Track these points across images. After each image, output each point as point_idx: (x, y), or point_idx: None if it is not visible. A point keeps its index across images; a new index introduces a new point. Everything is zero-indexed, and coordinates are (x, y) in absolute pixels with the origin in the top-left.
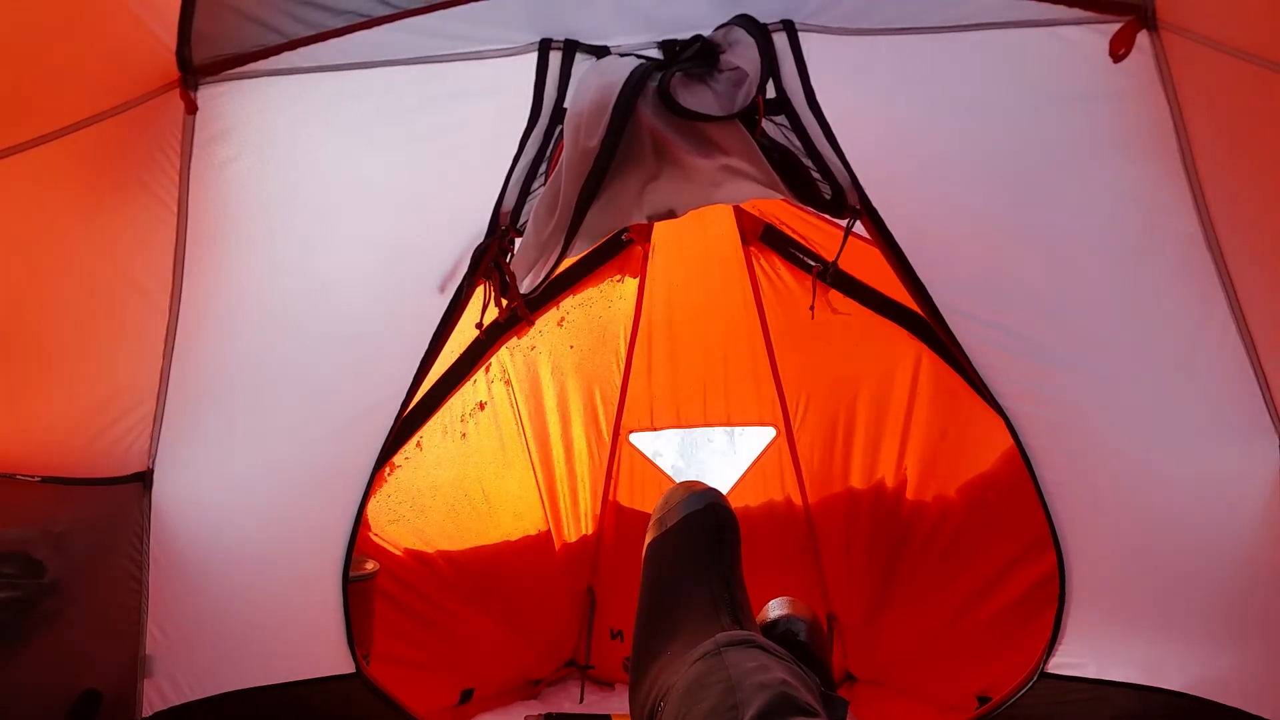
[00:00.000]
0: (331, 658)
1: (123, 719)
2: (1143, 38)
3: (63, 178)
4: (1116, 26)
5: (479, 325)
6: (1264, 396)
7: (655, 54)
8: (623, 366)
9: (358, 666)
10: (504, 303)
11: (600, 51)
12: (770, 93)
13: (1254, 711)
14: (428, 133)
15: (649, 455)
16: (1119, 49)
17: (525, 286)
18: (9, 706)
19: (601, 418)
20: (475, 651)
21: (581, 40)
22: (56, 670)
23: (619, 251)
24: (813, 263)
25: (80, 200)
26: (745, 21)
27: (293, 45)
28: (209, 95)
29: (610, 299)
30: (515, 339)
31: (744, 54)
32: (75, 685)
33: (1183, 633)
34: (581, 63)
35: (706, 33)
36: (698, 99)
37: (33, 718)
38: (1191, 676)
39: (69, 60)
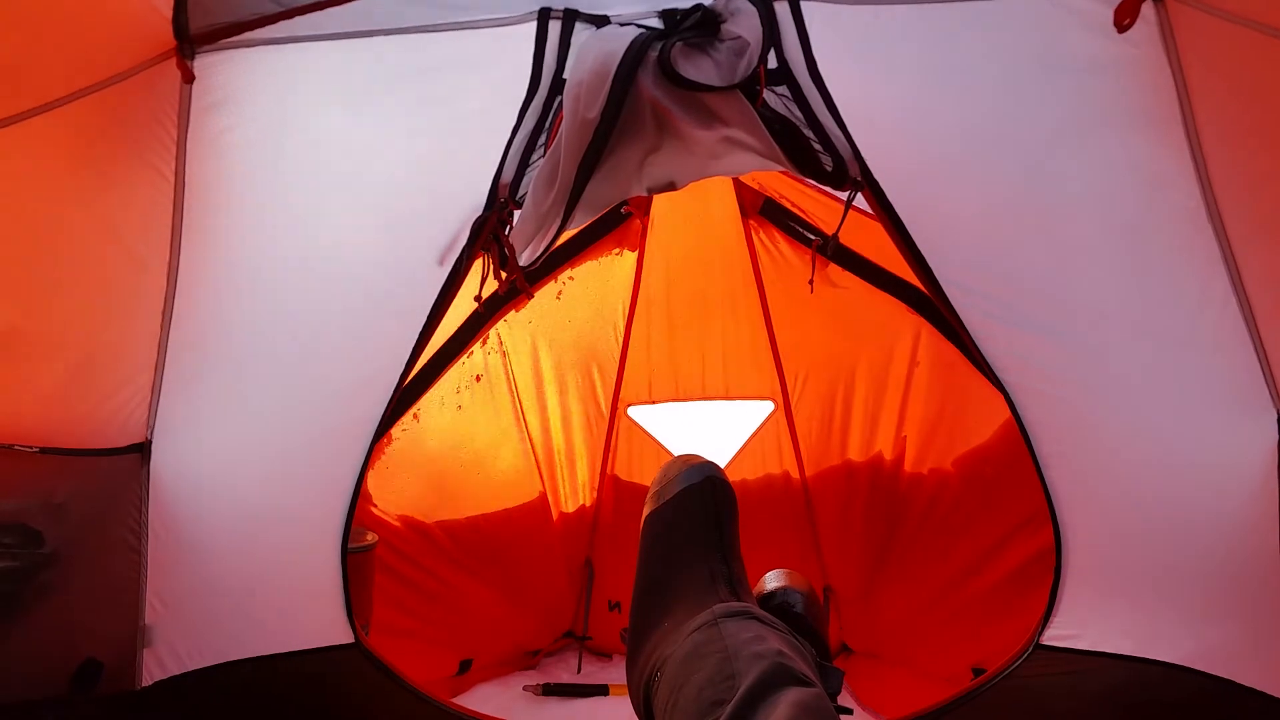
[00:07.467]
0: (331, 628)
1: (123, 688)
2: (1147, 7)
3: (59, 148)
4: None
5: (478, 298)
6: (1263, 371)
7: (656, 23)
8: (621, 340)
9: (357, 637)
10: (503, 275)
11: (600, 21)
12: (772, 63)
13: (1245, 683)
14: (426, 102)
15: (647, 428)
16: (1124, 19)
17: (524, 259)
18: (11, 675)
19: (599, 391)
20: (474, 622)
21: (581, 9)
22: (57, 640)
23: (618, 224)
24: (812, 236)
25: (77, 171)
26: None
27: (290, 14)
28: (206, 64)
29: (609, 272)
30: (513, 312)
31: (745, 23)
32: (76, 655)
33: (1177, 605)
34: (581, 32)
35: (708, 1)
36: (699, 69)
37: (35, 686)
38: (1185, 648)
39: (64, 29)
